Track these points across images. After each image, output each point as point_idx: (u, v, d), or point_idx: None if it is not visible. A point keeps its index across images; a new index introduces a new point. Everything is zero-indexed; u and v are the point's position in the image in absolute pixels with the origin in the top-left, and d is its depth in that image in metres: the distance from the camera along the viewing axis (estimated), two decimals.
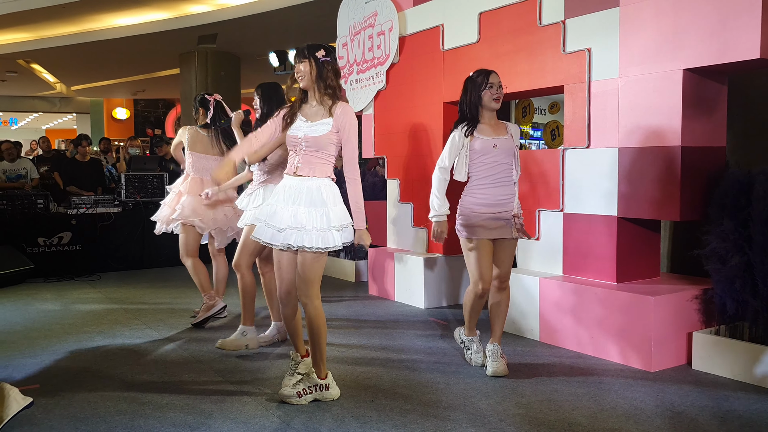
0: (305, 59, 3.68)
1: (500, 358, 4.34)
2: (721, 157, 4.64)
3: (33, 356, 4.81)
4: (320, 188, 3.67)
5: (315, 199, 3.64)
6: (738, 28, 4.04)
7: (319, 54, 3.67)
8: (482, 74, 4.35)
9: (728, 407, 3.73)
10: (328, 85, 3.69)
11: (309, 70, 3.68)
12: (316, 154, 3.68)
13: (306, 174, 3.69)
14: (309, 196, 3.65)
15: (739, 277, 4.18)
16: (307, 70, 3.68)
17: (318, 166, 3.70)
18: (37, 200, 8.28)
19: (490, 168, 4.29)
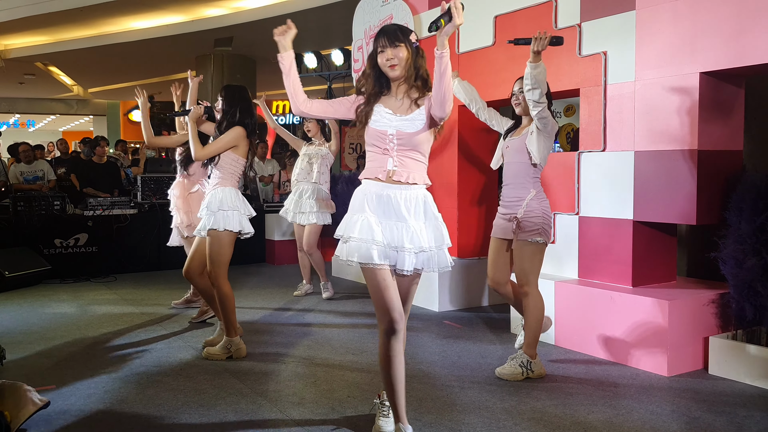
0: (401, 43, 3.07)
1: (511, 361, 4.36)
2: (738, 160, 4.61)
3: (49, 357, 4.85)
4: (426, 199, 3.17)
5: (427, 212, 3.15)
6: (755, 31, 4.02)
7: (412, 38, 3.10)
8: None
9: (745, 413, 3.70)
10: (419, 75, 3.14)
11: (406, 57, 3.09)
12: (410, 154, 3.11)
13: (404, 180, 3.09)
14: (417, 208, 3.12)
15: (757, 281, 4.15)
16: (404, 56, 3.08)
17: (416, 170, 3.13)
18: (54, 202, 8.35)
19: (506, 169, 4.47)
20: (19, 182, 9.52)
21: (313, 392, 4.07)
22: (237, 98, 4.85)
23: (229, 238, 4.71)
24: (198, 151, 4.73)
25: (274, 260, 9.60)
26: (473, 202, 6.48)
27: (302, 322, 5.97)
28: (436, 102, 2.96)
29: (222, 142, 4.72)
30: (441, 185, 6.53)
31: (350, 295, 7.24)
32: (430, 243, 3.10)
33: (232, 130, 4.75)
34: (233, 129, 4.75)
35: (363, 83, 3.22)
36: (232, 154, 4.76)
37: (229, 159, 4.76)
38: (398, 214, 3.08)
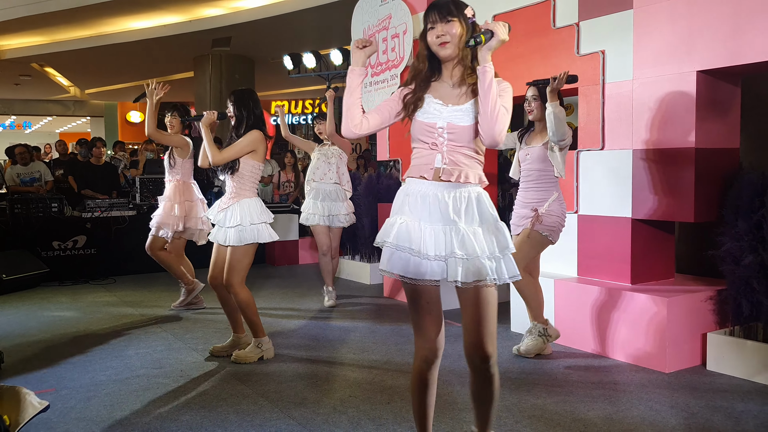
0: (453, 18, 2.63)
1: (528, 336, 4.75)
2: (735, 158, 4.63)
3: (48, 360, 4.85)
4: (480, 198, 2.67)
5: (483, 213, 2.66)
6: (752, 30, 4.04)
7: (468, 12, 2.67)
8: None
9: (743, 408, 3.72)
10: (476, 56, 2.68)
11: (459, 33, 2.63)
12: (462, 150, 2.65)
13: (455, 179, 2.64)
14: (470, 209, 2.64)
15: (753, 278, 4.18)
16: (457, 32, 2.62)
17: (469, 167, 2.66)
18: (51, 204, 8.34)
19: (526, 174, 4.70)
20: (15, 184, 9.51)
21: (314, 392, 4.08)
22: (247, 100, 4.78)
23: (254, 248, 4.71)
24: (215, 155, 4.64)
25: (274, 261, 9.61)
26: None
27: (302, 322, 5.98)
28: (482, 127, 2.57)
29: (240, 146, 4.65)
30: None
31: (350, 294, 7.25)
32: (488, 249, 2.60)
33: (250, 134, 4.68)
34: (251, 133, 4.69)
35: (416, 66, 2.76)
36: (251, 161, 4.70)
37: (249, 166, 4.71)
38: (445, 216, 2.62)
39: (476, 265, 2.57)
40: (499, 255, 2.62)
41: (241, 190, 4.72)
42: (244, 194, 4.71)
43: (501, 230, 2.65)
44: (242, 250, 4.63)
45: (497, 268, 2.60)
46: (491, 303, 2.66)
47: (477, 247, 2.58)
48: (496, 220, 2.66)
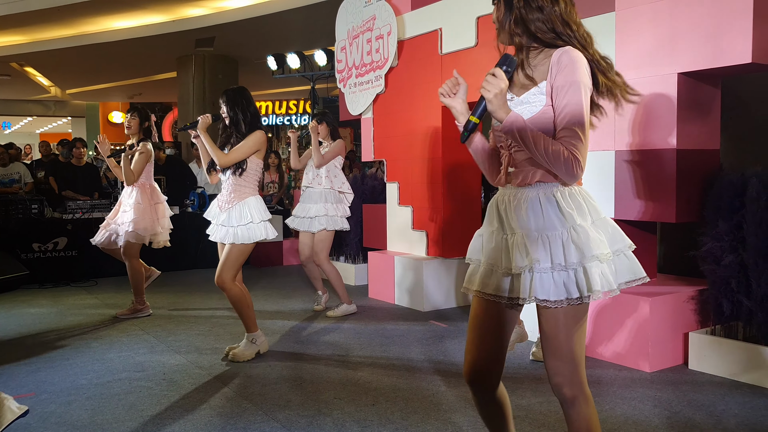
0: (497, 1, 2.33)
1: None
2: (716, 159, 4.67)
3: (28, 364, 4.80)
4: (547, 198, 2.22)
5: (547, 216, 2.20)
6: (731, 33, 4.08)
7: None
8: None
9: (724, 407, 3.76)
10: (528, 31, 2.25)
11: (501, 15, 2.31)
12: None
13: (519, 182, 2.29)
14: (530, 213, 2.22)
15: (733, 278, 4.22)
16: (500, 15, 2.33)
17: (536, 167, 2.24)
18: (31, 205, 8.26)
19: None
20: None
21: (298, 394, 4.07)
22: (240, 101, 4.77)
23: (252, 247, 4.77)
24: (222, 158, 4.65)
25: (258, 263, 9.58)
26: (457, 201, 6.50)
27: (287, 323, 5.97)
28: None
29: (246, 147, 4.67)
30: (425, 185, 6.56)
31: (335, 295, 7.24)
32: (552, 259, 2.16)
33: (254, 135, 4.70)
34: (255, 133, 4.71)
35: None
36: (256, 159, 4.75)
37: (254, 165, 4.76)
38: (508, 225, 2.28)
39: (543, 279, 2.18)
40: (561, 267, 2.18)
41: (245, 189, 4.77)
42: (248, 193, 4.77)
43: (576, 237, 2.18)
44: (243, 247, 4.70)
45: (567, 281, 2.17)
46: (564, 330, 2.25)
47: (532, 256, 2.18)
48: (568, 223, 2.19)
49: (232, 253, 4.69)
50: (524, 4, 2.22)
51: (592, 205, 2.26)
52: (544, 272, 2.15)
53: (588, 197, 2.27)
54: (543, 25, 2.21)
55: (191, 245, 9.15)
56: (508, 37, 2.31)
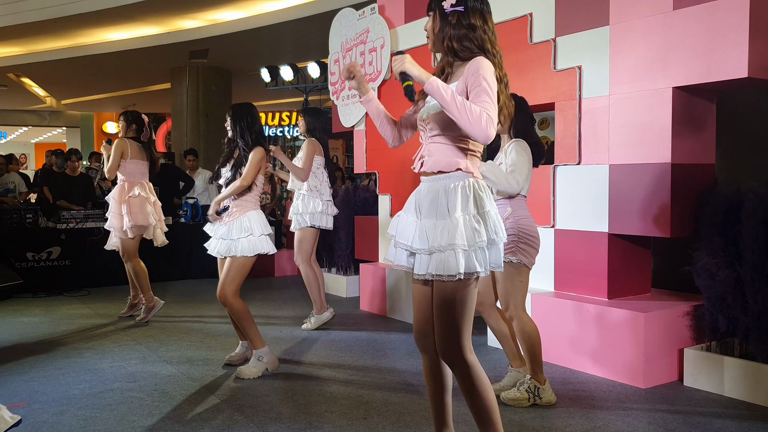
0: (431, 12, 2.74)
1: (519, 387, 4.12)
2: (711, 174, 4.68)
3: (21, 373, 4.77)
4: (450, 189, 2.64)
5: (443, 205, 2.63)
6: (726, 47, 4.09)
7: (446, 4, 2.65)
8: None
9: (720, 424, 3.74)
10: (448, 46, 2.70)
11: (432, 27, 2.75)
12: (438, 138, 2.70)
13: (429, 169, 2.70)
14: (434, 202, 2.66)
15: (729, 294, 4.20)
16: (430, 27, 2.76)
17: (442, 155, 2.67)
18: (26, 215, 8.24)
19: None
20: None
21: (290, 407, 4.04)
22: (244, 117, 4.78)
23: (253, 260, 4.73)
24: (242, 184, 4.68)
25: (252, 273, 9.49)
26: None
27: (278, 335, 5.93)
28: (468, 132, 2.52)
29: (253, 166, 4.68)
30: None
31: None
32: (436, 242, 2.58)
33: (254, 152, 4.71)
34: (255, 151, 4.72)
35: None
36: (259, 176, 4.78)
37: (258, 181, 4.80)
38: (417, 211, 2.72)
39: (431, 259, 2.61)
40: (443, 250, 2.57)
41: (247, 203, 4.76)
42: (250, 207, 4.77)
43: (453, 225, 2.56)
44: (244, 261, 4.66)
45: (436, 262, 2.59)
46: (446, 307, 2.64)
47: (432, 240, 2.61)
48: (452, 213, 2.58)
49: (233, 266, 4.65)
50: (457, 21, 2.61)
51: (480, 197, 2.60)
52: (425, 254, 2.60)
53: (479, 190, 2.61)
54: (472, 44, 2.63)
55: (183, 255, 9.12)
56: (441, 48, 2.70)
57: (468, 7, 2.62)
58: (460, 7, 2.61)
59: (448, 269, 2.54)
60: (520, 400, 4.03)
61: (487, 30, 2.65)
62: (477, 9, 2.64)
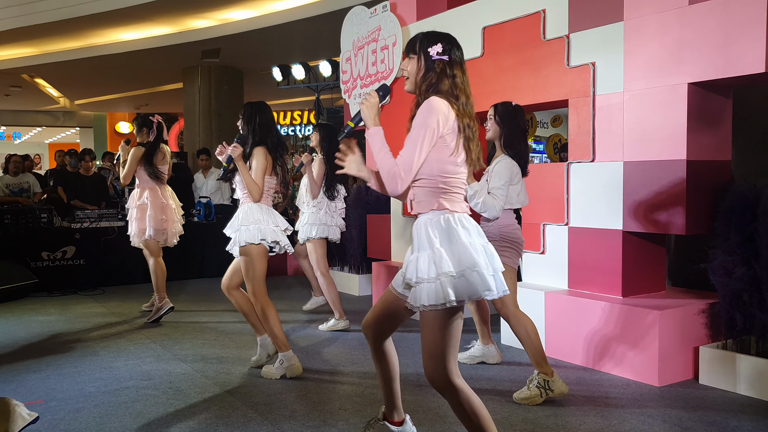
0: (413, 55, 2.88)
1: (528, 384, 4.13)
2: (727, 170, 4.64)
3: (37, 371, 4.80)
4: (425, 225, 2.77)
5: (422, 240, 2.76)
6: (743, 41, 4.05)
7: (432, 50, 2.79)
8: None
9: (736, 423, 3.71)
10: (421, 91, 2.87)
11: (414, 70, 2.88)
12: (417, 183, 2.80)
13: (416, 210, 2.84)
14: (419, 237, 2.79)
15: (746, 291, 4.17)
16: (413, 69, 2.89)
17: (422, 197, 2.81)
18: (41, 214, 8.29)
19: None
20: (5, 195, 9.45)
21: (303, 405, 4.04)
22: (253, 115, 4.71)
23: (261, 253, 4.60)
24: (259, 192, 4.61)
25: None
26: None
27: (293, 334, 5.94)
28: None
29: (256, 170, 4.60)
30: None
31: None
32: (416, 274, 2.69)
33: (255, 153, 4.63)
34: (256, 152, 4.64)
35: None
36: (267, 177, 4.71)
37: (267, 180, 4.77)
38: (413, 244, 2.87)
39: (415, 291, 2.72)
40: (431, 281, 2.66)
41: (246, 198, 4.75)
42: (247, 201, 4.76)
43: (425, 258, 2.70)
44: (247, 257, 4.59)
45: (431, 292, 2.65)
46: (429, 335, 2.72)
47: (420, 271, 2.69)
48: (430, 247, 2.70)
49: (242, 265, 4.62)
50: (441, 70, 2.76)
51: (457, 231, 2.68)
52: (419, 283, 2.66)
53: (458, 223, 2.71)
54: (451, 91, 2.75)
55: (196, 255, 9.15)
56: (415, 90, 2.87)
57: (451, 58, 2.78)
58: (445, 56, 2.77)
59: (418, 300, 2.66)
60: (533, 398, 4.03)
61: (464, 81, 2.81)
62: (458, 61, 2.80)
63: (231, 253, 4.77)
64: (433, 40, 2.80)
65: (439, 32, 2.85)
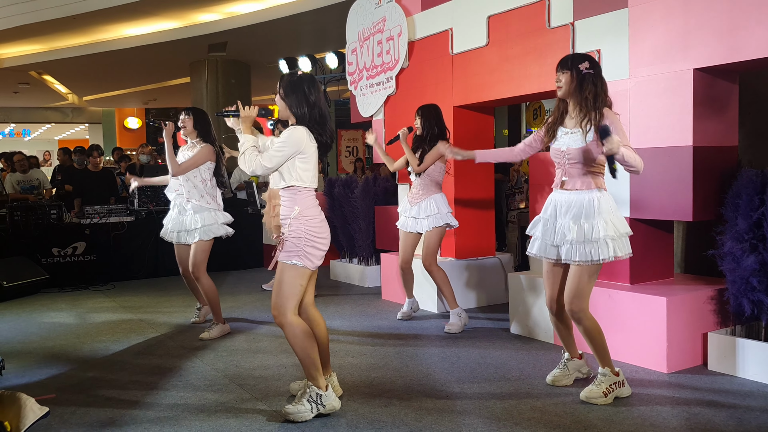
0: (566, 70, 3.86)
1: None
2: (733, 156, 4.61)
3: (48, 366, 4.84)
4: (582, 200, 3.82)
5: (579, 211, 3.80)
6: (748, 26, 4.02)
7: (582, 66, 3.77)
8: None
9: (745, 408, 3.70)
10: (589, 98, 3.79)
11: (567, 80, 3.84)
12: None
13: (569, 187, 3.85)
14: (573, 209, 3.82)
15: (754, 277, 4.15)
16: (566, 79, 3.84)
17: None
18: (50, 211, 8.33)
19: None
20: (15, 192, 9.50)
21: None
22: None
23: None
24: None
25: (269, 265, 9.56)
26: (469, 205, 6.48)
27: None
28: None
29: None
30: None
31: (347, 297, 7.24)
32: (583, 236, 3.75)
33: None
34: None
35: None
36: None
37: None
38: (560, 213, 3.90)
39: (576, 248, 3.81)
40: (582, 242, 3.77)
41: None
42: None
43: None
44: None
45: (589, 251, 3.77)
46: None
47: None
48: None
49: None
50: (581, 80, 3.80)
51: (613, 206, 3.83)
52: (574, 244, 3.74)
53: (611, 200, 3.84)
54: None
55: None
56: (576, 99, 3.84)
57: (596, 71, 3.79)
58: (584, 71, 3.75)
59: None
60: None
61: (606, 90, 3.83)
62: (600, 74, 3.82)
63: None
64: (579, 59, 3.87)
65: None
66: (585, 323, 3.85)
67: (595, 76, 3.75)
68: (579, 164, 3.76)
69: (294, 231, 3.65)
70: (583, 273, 3.77)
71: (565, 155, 3.80)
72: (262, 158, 3.62)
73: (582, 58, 3.78)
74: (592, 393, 3.85)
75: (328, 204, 8.48)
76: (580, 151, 3.75)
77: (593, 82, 3.73)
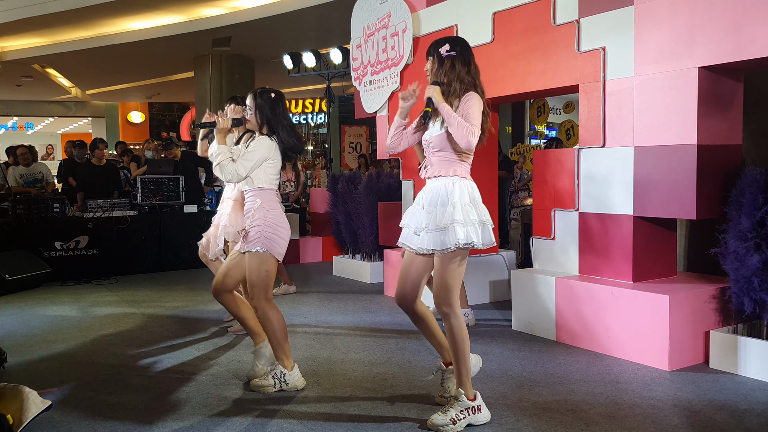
0: (429, 57, 3.72)
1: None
2: (738, 155, 4.61)
3: (51, 360, 4.85)
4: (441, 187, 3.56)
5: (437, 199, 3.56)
6: (754, 24, 4.02)
7: (442, 50, 3.62)
8: None
9: (746, 406, 3.70)
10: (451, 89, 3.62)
11: (431, 68, 3.69)
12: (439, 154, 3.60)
13: (429, 175, 3.64)
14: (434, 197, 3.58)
15: (756, 276, 4.15)
16: (430, 67, 3.71)
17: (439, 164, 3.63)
18: (53, 204, 8.34)
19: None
20: (18, 185, 9.51)
21: (315, 391, 4.07)
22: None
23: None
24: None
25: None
26: None
27: (303, 321, 5.97)
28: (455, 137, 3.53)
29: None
30: None
31: (351, 293, 7.24)
32: (435, 223, 3.51)
33: None
34: None
35: None
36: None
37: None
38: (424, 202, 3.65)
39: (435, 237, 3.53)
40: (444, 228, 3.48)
41: None
42: None
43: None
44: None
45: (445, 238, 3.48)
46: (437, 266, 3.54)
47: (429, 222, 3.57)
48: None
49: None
50: (454, 62, 3.58)
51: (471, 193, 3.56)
52: (431, 231, 3.51)
53: (467, 187, 3.56)
54: (468, 77, 3.58)
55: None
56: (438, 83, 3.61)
57: (457, 53, 3.58)
58: (452, 52, 3.58)
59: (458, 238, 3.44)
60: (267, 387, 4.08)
61: (475, 66, 3.66)
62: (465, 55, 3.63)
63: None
64: (439, 42, 3.64)
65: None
66: (451, 321, 3.44)
67: (456, 57, 3.55)
68: (440, 152, 3.55)
69: (257, 220, 4.04)
70: (444, 262, 3.46)
71: (429, 143, 3.62)
72: (237, 167, 3.98)
73: (443, 42, 3.60)
74: (437, 421, 3.40)
75: (332, 200, 8.49)
76: (439, 138, 3.54)
77: (452, 65, 3.55)
